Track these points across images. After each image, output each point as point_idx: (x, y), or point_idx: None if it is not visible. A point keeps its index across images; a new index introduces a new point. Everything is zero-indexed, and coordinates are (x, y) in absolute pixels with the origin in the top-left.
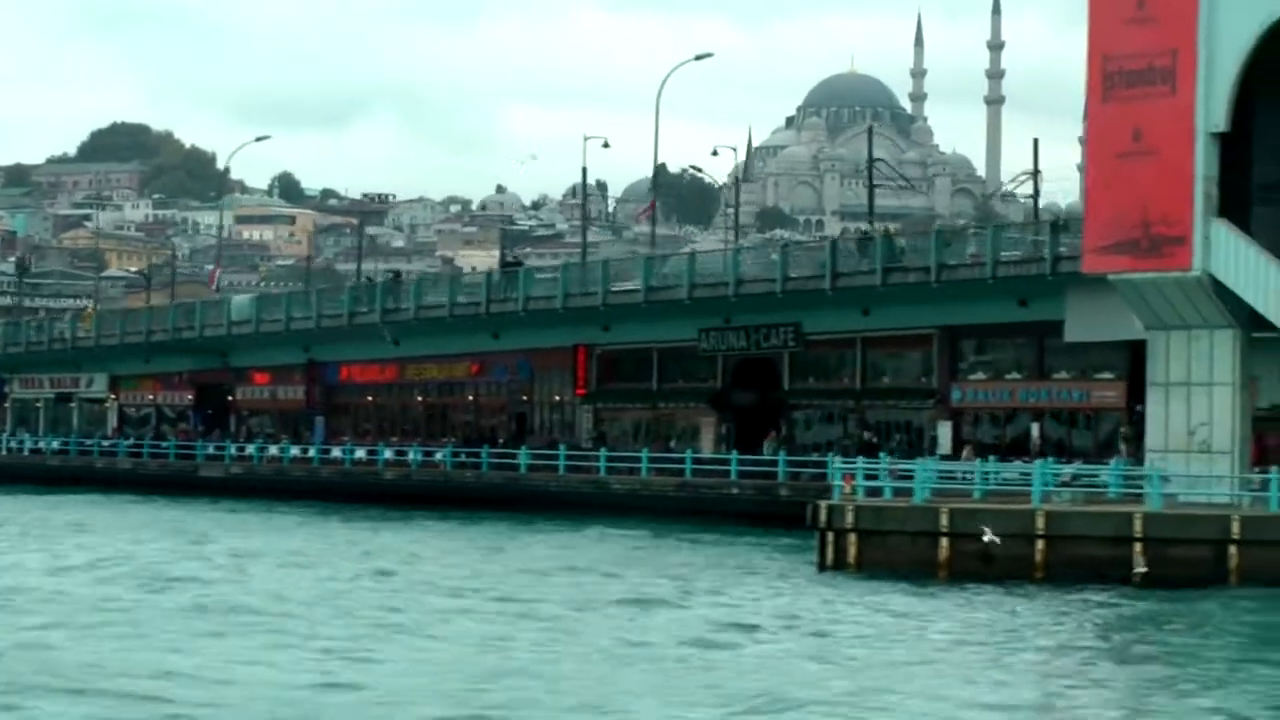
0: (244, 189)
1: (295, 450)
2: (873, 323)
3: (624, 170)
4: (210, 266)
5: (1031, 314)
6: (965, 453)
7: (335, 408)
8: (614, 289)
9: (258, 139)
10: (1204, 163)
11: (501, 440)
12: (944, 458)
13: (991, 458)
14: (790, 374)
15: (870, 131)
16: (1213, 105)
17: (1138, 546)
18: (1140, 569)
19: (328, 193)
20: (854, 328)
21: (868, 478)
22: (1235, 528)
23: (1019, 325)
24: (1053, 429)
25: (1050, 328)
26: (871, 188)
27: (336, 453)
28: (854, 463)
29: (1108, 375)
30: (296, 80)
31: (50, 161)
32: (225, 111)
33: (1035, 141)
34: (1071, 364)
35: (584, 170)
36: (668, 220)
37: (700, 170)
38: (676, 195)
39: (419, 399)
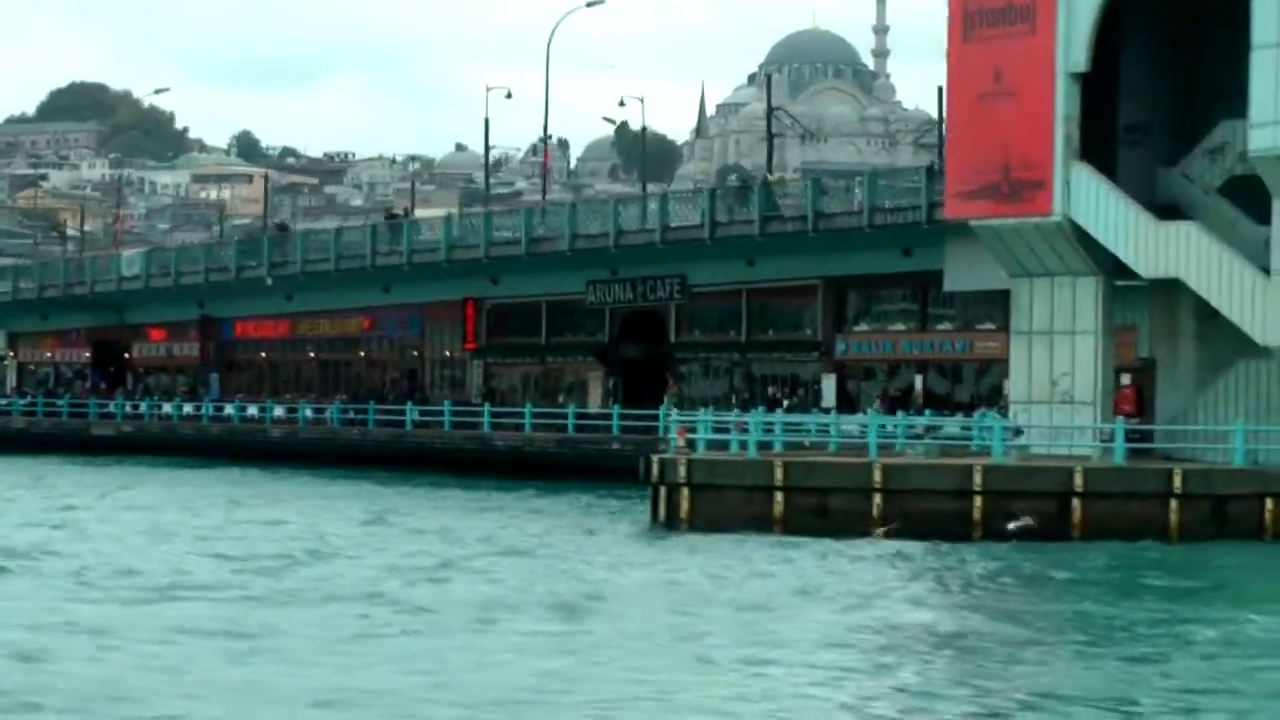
0: (203, 148)
1: (189, 408)
2: (757, 274)
3: (588, 128)
4: (165, 226)
5: (915, 264)
6: (875, 405)
7: (231, 365)
8: (496, 240)
9: (156, 90)
10: (1064, 104)
11: (390, 396)
12: (826, 412)
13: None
14: (677, 327)
15: (769, 80)
16: (1073, 45)
17: (978, 500)
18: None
19: (288, 151)
20: (739, 279)
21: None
22: (1078, 480)
23: (903, 275)
24: (937, 382)
25: (933, 278)
26: (770, 138)
27: (229, 410)
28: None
29: (989, 326)
30: (262, 39)
31: (9, 121)
32: (190, 71)
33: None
34: (954, 315)
35: (486, 122)
36: (629, 176)
37: (612, 120)
38: (637, 153)
39: (311, 355)
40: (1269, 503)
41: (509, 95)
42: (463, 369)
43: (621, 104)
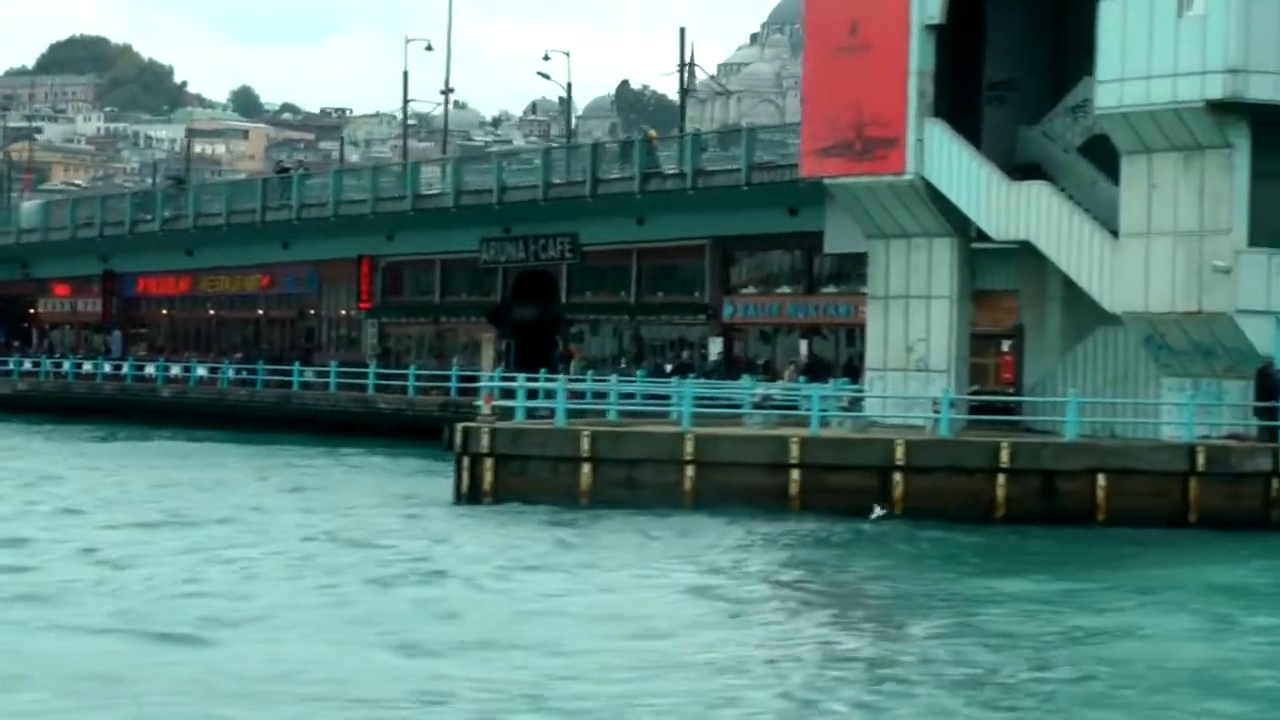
0: (202, 103)
1: (88, 366)
2: (647, 233)
3: (590, 86)
4: (156, 179)
5: (801, 224)
6: (788, 372)
7: (133, 321)
8: (384, 196)
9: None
10: (918, 58)
11: (284, 356)
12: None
13: (750, 377)
14: (568, 287)
15: (681, 34)
16: None
17: (795, 474)
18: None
19: (287, 107)
20: (629, 238)
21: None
22: (899, 454)
23: (789, 236)
24: (822, 346)
25: (818, 239)
26: (683, 93)
27: (125, 368)
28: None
29: None
30: None
31: (9, 74)
32: (201, 25)
33: None
34: (840, 277)
35: (405, 74)
36: (629, 135)
37: (547, 76)
38: (640, 111)
39: (211, 313)
40: (1101, 479)
41: (429, 48)
42: (358, 328)
43: (546, 58)
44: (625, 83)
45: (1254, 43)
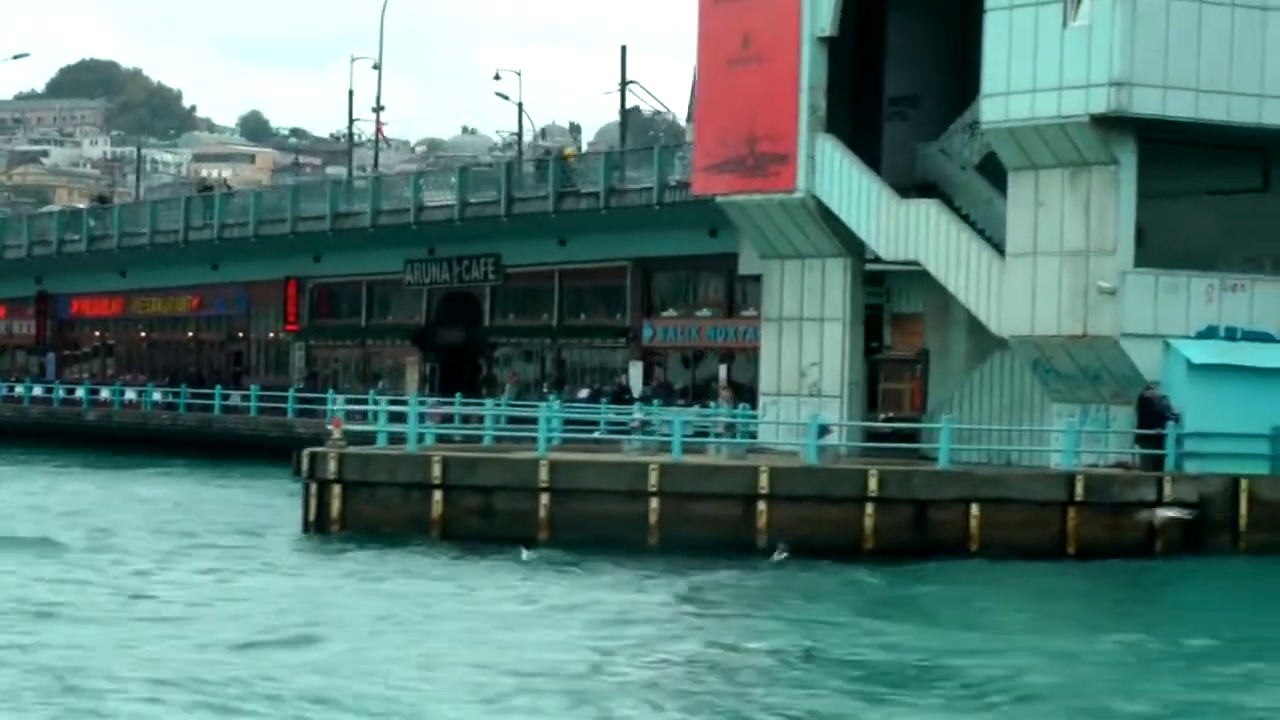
0: (211, 127)
1: (20, 389)
2: (569, 254)
3: (602, 112)
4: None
5: (722, 244)
6: (724, 395)
7: (68, 343)
8: (305, 215)
9: (15, 56)
10: (809, 71)
11: (209, 380)
12: (629, 400)
13: (654, 402)
14: (492, 309)
15: (623, 53)
16: (819, 7)
17: (654, 502)
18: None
19: (297, 132)
20: (551, 259)
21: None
22: (762, 481)
23: (709, 257)
24: (742, 370)
25: (736, 260)
26: (624, 113)
27: (61, 392)
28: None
29: None
30: (282, 20)
31: (19, 98)
32: (211, 51)
33: None
34: (759, 300)
35: (350, 93)
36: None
37: (505, 97)
38: (649, 134)
39: (143, 335)
40: (974, 509)
41: (376, 66)
42: (287, 351)
43: (497, 77)
44: (636, 109)
45: (1140, 55)
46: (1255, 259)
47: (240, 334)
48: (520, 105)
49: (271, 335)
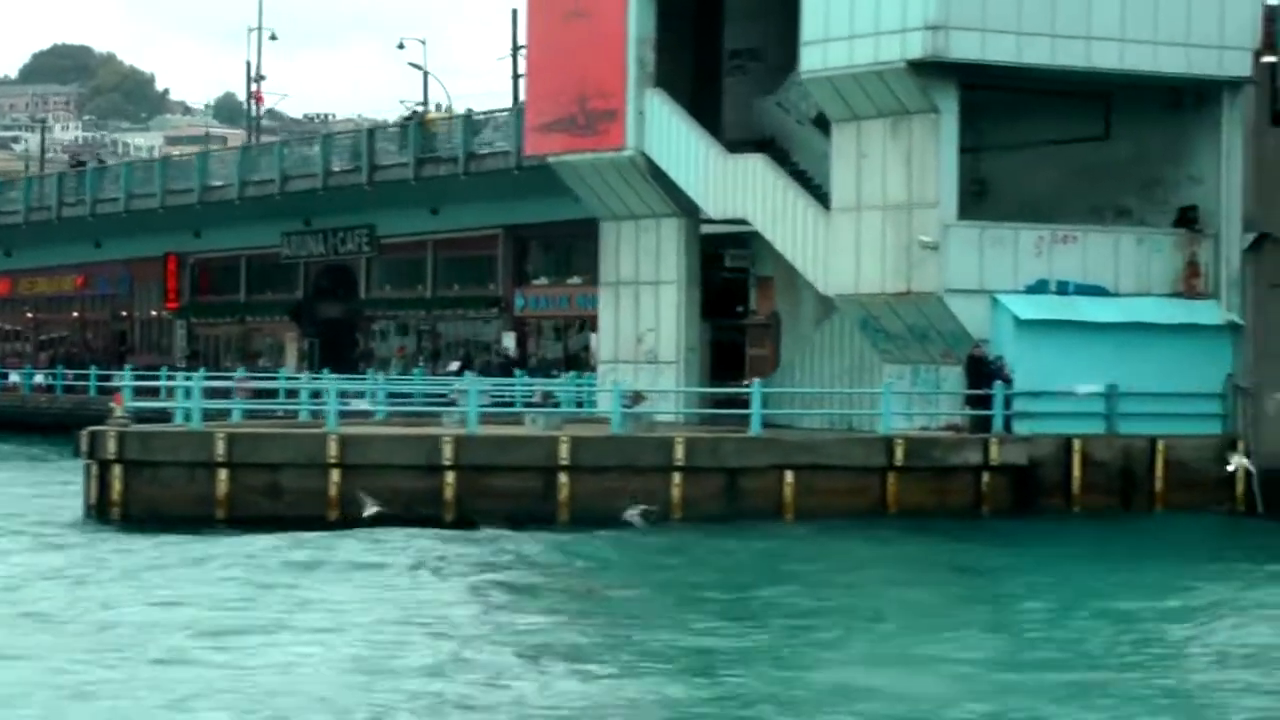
0: (186, 110)
1: None
2: (442, 223)
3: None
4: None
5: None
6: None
7: None
8: (173, 190)
9: None
10: (637, 24)
11: (86, 360)
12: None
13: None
14: (368, 282)
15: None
16: None
17: (449, 476)
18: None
19: (272, 115)
20: (424, 229)
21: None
22: (563, 452)
23: (580, 224)
24: None
25: None
26: (516, 77)
27: None
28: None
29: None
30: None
31: None
32: (187, 33)
33: None
34: None
35: (246, 65)
36: None
37: (419, 67)
38: None
39: (29, 315)
40: (789, 476)
41: (274, 37)
42: (170, 330)
43: (401, 46)
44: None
45: None
46: (1097, 209)
47: (124, 313)
48: (426, 73)
49: (154, 314)
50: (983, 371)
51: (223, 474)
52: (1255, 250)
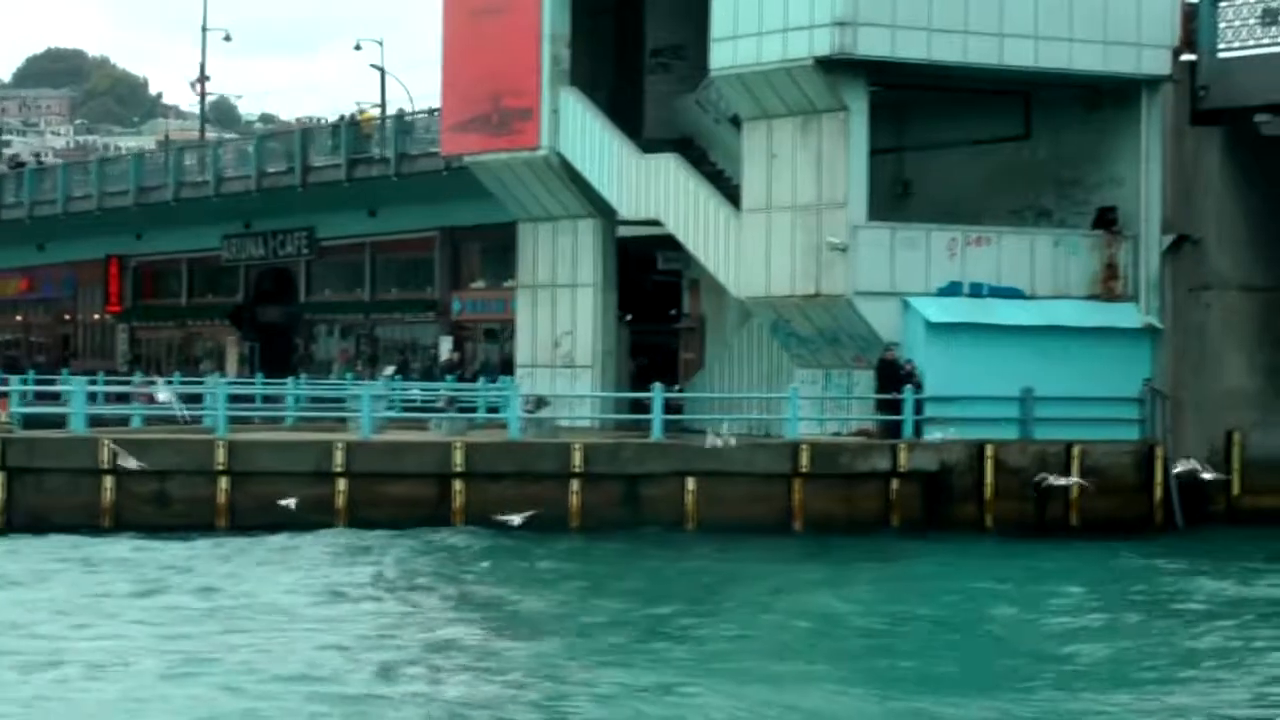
0: (180, 114)
1: None
2: (379, 225)
3: None
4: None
5: None
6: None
7: None
8: (110, 191)
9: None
10: (552, 20)
11: (25, 365)
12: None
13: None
14: (307, 285)
15: None
16: None
17: (341, 484)
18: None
19: (266, 118)
20: (362, 231)
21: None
22: (457, 458)
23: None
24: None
25: None
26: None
27: None
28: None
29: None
30: (261, 6)
31: None
32: (182, 38)
33: None
34: None
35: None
36: None
37: (380, 69)
38: None
39: None
40: (690, 483)
41: (227, 38)
42: (113, 334)
43: (358, 48)
44: None
45: None
46: (1018, 211)
47: (67, 317)
48: (383, 72)
49: (96, 317)
50: (895, 375)
51: (108, 481)
52: (1174, 252)
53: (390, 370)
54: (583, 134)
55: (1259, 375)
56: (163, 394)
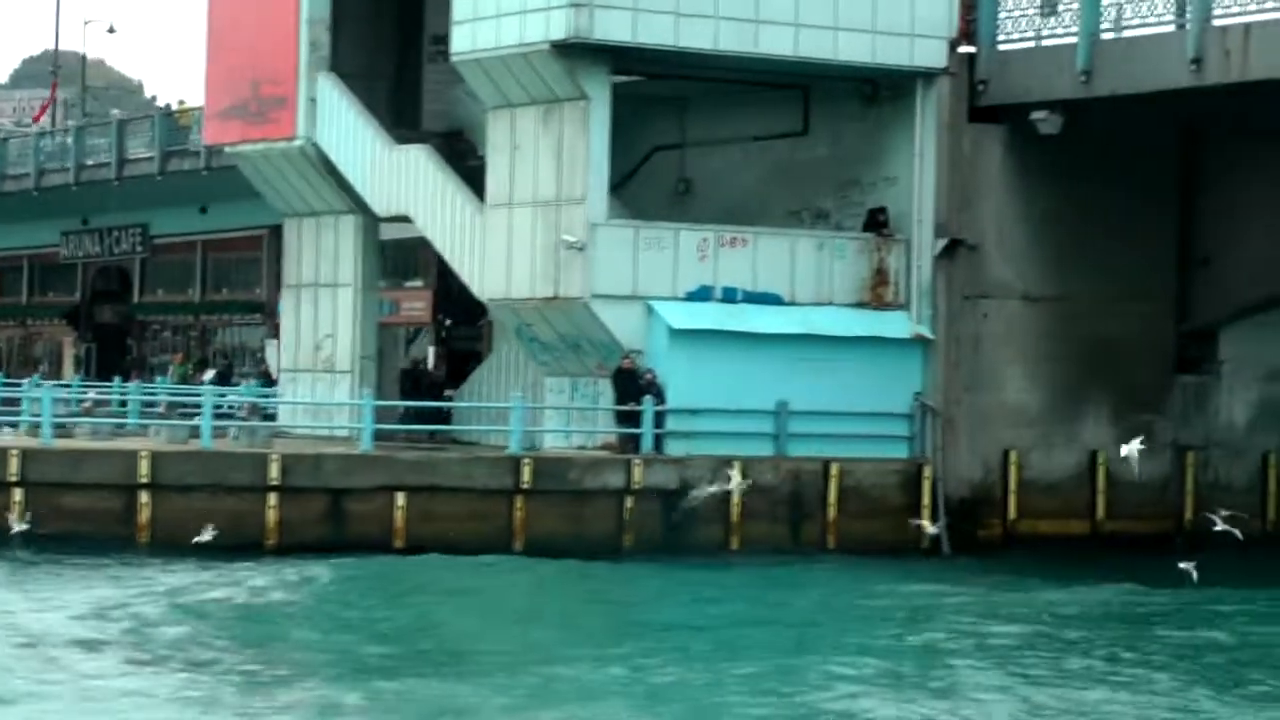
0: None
1: None
2: (211, 222)
3: None
4: None
5: None
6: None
7: None
8: None
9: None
10: (310, 3)
11: None
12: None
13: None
14: (141, 285)
15: None
16: None
17: (17, 494)
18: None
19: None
20: (195, 229)
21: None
22: (143, 469)
23: None
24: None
25: None
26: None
27: None
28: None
29: (418, 283)
30: None
31: None
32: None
33: None
34: (393, 269)
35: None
36: None
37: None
38: None
39: None
40: (400, 499)
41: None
42: None
43: (112, 30)
44: None
45: None
46: (796, 212)
47: None
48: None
49: None
50: (635, 385)
51: None
52: (948, 257)
53: (209, 375)
54: (339, 124)
55: (1040, 391)
56: None
